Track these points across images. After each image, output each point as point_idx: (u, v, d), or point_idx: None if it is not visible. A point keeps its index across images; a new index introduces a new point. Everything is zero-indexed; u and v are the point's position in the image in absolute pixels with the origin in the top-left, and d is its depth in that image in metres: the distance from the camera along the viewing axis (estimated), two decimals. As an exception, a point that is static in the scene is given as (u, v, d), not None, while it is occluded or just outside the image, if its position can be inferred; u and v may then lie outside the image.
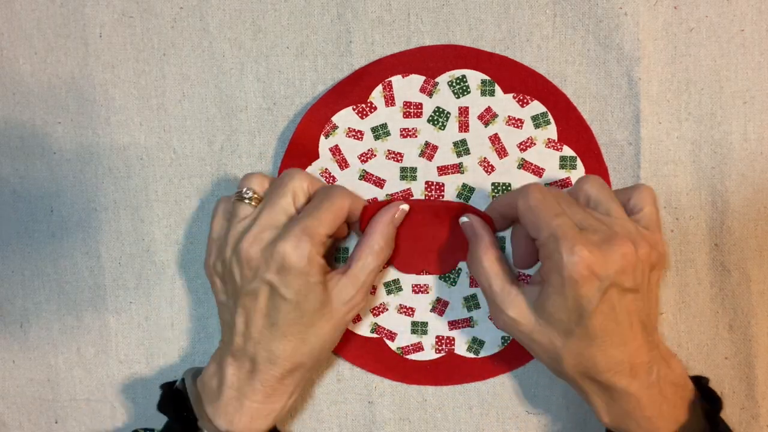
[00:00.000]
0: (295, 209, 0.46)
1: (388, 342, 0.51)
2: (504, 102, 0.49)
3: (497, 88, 0.49)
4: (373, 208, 0.48)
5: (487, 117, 0.49)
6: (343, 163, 0.50)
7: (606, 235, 0.42)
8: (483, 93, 0.49)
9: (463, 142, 0.50)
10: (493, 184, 0.50)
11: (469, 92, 0.49)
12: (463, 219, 0.48)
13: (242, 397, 0.46)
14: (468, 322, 0.51)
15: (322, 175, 0.50)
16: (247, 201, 0.46)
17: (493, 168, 0.50)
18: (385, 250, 0.47)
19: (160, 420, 0.53)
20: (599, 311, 0.42)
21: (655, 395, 0.44)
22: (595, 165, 0.49)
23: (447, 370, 0.51)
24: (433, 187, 0.50)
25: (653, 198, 0.46)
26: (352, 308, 0.46)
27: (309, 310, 0.45)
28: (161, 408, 0.48)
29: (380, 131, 0.50)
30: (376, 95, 0.50)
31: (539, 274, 0.44)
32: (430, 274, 0.51)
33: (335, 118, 0.50)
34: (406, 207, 0.49)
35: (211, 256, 0.47)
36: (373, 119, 0.50)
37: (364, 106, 0.50)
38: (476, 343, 0.51)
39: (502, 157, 0.50)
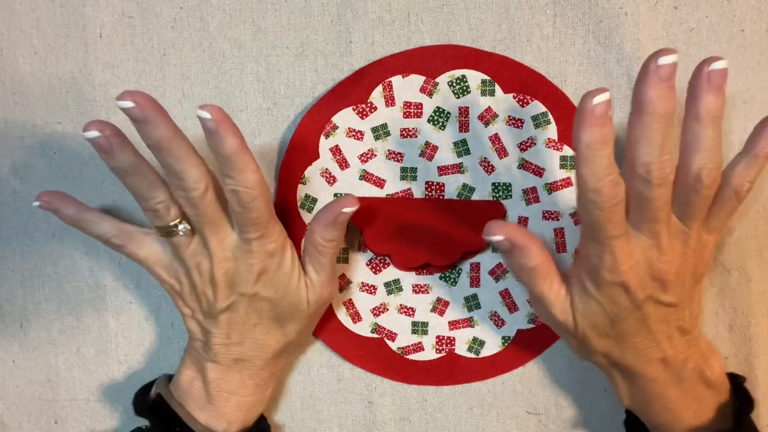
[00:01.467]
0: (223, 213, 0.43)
1: (388, 342, 0.51)
2: (504, 102, 0.49)
3: (497, 88, 0.49)
4: (361, 202, 0.49)
5: (488, 117, 0.49)
6: (343, 163, 0.50)
7: (656, 250, 0.40)
8: (483, 93, 0.49)
9: (464, 142, 0.50)
10: (493, 184, 0.50)
11: (469, 92, 0.49)
12: (495, 238, 0.41)
13: (233, 394, 0.47)
14: (468, 323, 0.51)
15: (322, 176, 0.50)
16: (183, 234, 0.44)
17: (493, 168, 0.50)
18: (333, 244, 0.45)
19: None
20: (631, 318, 0.42)
21: (683, 389, 0.44)
22: (596, 165, 0.49)
23: (447, 370, 0.51)
24: (433, 187, 0.50)
25: (733, 208, 0.42)
26: (321, 305, 0.48)
27: (286, 306, 0.46)
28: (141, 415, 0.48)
29: (380, 131, 0.50)
30: (376, 95, 0.50)
31: (576, 275, 0.43)
32: (430, 269, 0.50)
33: (335, 118, 0.50)
34: (349, 210, 0.44)
35: (170, 281, 0.46)
36: (374, 119, 0.50)
37: (364, 106, 0.50)
38: (477, 344, 0.51)
39: (502, 157, 0.50)
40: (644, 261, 0.40)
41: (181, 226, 0.44)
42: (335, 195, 0.50)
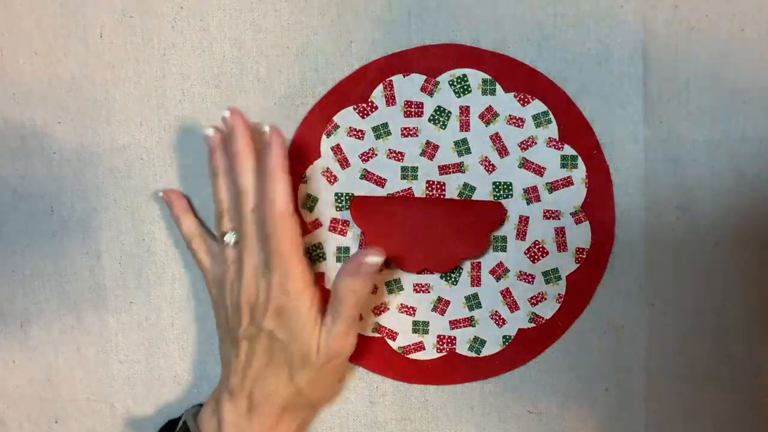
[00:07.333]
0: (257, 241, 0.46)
1: (389, 341, 0.51)
2: (505, 101, 0.49)
3: (498, 87, 0.49)
4: (362, 201, 0.49)
5: (488, 116, 0.49)
6: (344, 163, 0.50)
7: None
8: (484, 92, 0.49)
9: (464, 141, 0.50)
10: (494, 183, 0.50)
11: (470, 91, 0.49)
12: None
13: None
14: (469, 322, 0.51)
15: (323, 175, 0.50)
16: (227, 243, 0.47)
17: (494, 167, 0.50)
18: (355, 295, 0.46)
19: (159, 423, 0.53)
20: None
21: None
22: (596, 164, 0.49)
23: (448, 369, 0.51)
24: (434, 187, 0.50)
25: None
26: (332, 357, 0.46)
27: (296, 352, 0.46)
28: None
29: (381, 131, 0.50)
30: (377, 95, 0.50)
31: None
32: (430, 272, 0.51)
33: (336, 118, 0.50)
34: (373, 260, 0.46)
35: (219, 295, 0.48)
36: (374, 119, 0.50)
37: (365, 105, 0.50)
38: (478, 343, 0.51)
39: (503, 156, 0.50)
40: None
41: (229, 235, 0.47)
42: (336, 195, 0.50)
